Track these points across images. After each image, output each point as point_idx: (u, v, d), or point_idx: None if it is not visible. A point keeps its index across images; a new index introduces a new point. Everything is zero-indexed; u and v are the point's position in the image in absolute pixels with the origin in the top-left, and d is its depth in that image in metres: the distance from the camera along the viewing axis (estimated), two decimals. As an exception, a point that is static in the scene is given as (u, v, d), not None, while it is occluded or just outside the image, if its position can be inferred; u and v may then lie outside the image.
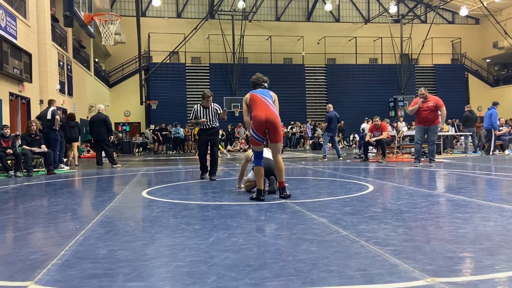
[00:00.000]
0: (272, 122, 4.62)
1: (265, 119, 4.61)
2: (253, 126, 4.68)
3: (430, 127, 8.91)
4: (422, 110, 8.97)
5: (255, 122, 4.65)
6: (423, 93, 8.98)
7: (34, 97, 14.27)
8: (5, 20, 11.97)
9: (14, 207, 4.82)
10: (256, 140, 4.68)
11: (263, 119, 4.61)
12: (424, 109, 8.92)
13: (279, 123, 4.69)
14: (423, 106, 8.93)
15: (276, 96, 4.93)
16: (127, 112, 28.41)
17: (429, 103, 8.89)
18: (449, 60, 32.29)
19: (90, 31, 17.63)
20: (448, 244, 2.59)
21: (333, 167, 9.36)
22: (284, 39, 29.59)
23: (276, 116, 4.66)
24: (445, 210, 3.89)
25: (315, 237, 2.83)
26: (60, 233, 3.21)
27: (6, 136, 9.14)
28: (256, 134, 4.67)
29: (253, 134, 4.69)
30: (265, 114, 4.63)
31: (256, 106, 4.74)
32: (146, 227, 3.36)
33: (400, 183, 6.11)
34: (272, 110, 4.69)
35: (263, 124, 4.62)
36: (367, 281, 1.96)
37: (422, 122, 9.01)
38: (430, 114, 8.88)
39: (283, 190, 4.63)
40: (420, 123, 9.06)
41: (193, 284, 1.98)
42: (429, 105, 8.87)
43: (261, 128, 4.64)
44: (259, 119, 4.62)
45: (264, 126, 4.64)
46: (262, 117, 4.61)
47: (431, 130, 8.93)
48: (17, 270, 2.26)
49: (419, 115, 9.04)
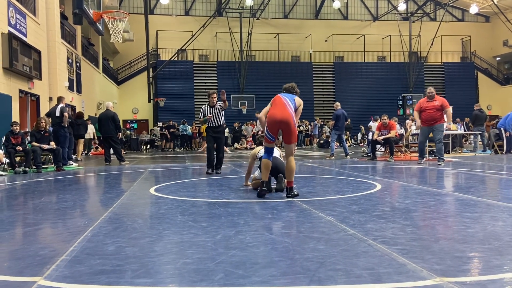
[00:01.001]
0: (286, 123, 4.62)
1: (280, 118, 4.62)
2: (267, 125, 4.70)
3: (435, 126, 9.00)
4: (427, 109, 9.06)
5: (269, 121, 4.68)
6: (432, 92, 9.12)
7: (44, 94, 14.39)
8: (15, 17, 12.08)
9: (24, 203, 4.87)
10: (268, 138, 4.71)
11: (278, 118, 4.62)
12: (430, 108, 9.01)
13: (293, 124, 4.67)
14: (428, 105, 9.03)
15: (301, 103, 4.90)
16: (135, 109, 28.53)
17: (435, 103, 9.00)
18: (458, 58, 31.97)
19: (99, 28, 17.75)
20: (456, 244, 2.57)
21: (341, 166, 9.33)
22: (292, 37, 29.51)
23: (291, 117, 4.64)
24: (453, 210, 3.85)
25: (322, 235, 2.83)
26: (69, 229, 3.24)
27: (16, 132, 9.23)
28: (268, 133, 4.69)
29: (266, 132, 4.72)
30: (280, 113, 4.64)
31: (275, 106, 4.76)
32: (154, 224, 3.37)
33: (408, 182, 6.07)
34: (289, 111, 4.66)
35: (276, 124, 4.63)
36: (375, 280, 1.95)
37: (426, 122, 9.10)
38: (435, 113, 8.96)
39: (291, 190, 4.64)
40: (425, 123, 9.14)
41: (200, 281, 1.98)
42: (434, 104, 8.98)
43: (274, 127, 4.66)
44: (273, 118, 4.64)
45: (277, 126, 4.65)
46: (277, 117, 4.63)
47: (436, 129, 9.01)
48: (27, 265, 2.28)
49: (423, 115, 9.13)
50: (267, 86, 28.05)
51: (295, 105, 4.79)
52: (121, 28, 16.37)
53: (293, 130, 4.67)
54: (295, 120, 4.69)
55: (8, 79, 11.65)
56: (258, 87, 27.85)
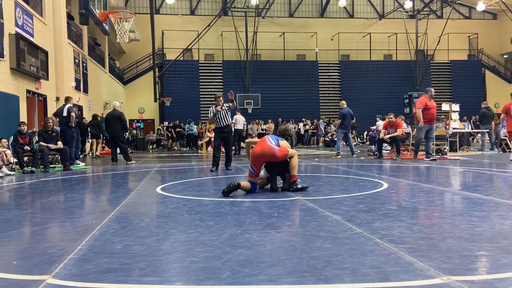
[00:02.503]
0: (268, 154, 4.89)
1: (259, 152, 4.92)
2: (252, 161, 5.00)
3: (433, 125, 9.60)
4: (431, 107, 9.48)
5: (252, 156, 5.01)
6: (433, 93, 9.72)
7: (51, 94, 14.49)
8: (22, 18, 12.17)
9: (32, 202, 4.91)
10: (251, 172, 4.95)
11: (258, 153, 4.94)
12: (432, 107, 9.49)
13: (277, 151, 4.88)
14: (432, 104, 9.50)
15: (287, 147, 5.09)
16: (141, 109, 28.65)
17: (433, 102, 9.60)
18: (465, 56, 31.75)
19: (105, 28, 17.81)
20: (464, 243, 2.55)
21: (347, 164, 9.31)
22: (297, 36, 29.46)
23: (270, 148, 4.89)
24: (461, 208, 3.83)
25: (329, 234, 2.82)
26: (77, 228, 3.26)
27: (23, 132, 9.31)
28: (252, 168, 4.95)
29: (250, 167, 4.98)
30: (260, 148, 4.94)
31: (257, 144, 5.09)
32: (161, 222, 3.39)
33: (415, 180, 6.04)
34: (269, 145, 4.94)
35: (258, 157, 4.93)
36: (382, 278, 1.95)
37: (430, 121, 9.54)
38: (434, 113, 9.51)
39: (293, 183, 4.89)
40: (428, 122, 9.55)
41: (207, 279, 1.99)
42: (433, 104, 9.55)
43: (257, 161, 4.94)
44: (254, 153, 4.98)
45: (260, 160, 4.94)
46: (257, 152, 4.95)
47: (432, 129, 9.61)
48: (35, 264, 2.30)
49: (427, 113, 9.52)
50: (273, 85, 28.06)
51: (278, 143, 5.02)
52: (127, 28, 16.42)
53: (278, 155, 4.88)
54: (276, 148, 4.91)
55: (16, 79, 11.75)
56: (264, 86, 27.84)
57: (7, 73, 11.25)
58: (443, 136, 12.22)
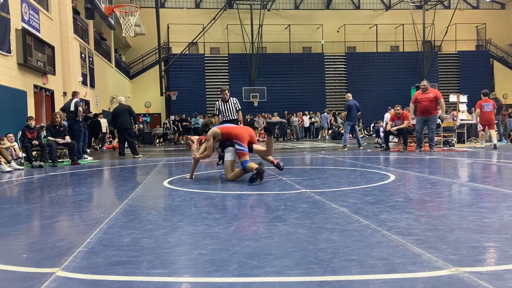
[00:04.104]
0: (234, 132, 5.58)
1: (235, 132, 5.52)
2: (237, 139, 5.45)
3: (430, 117, 9.79)
4: (422, 100, 9.83)
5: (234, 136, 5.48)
6: (424, 85, 9.92)
7: (58, 89, 14.57)
8: (28, 13, 12.21)
9: (40, 196, 4.95)
10: (243, 151, 5.38)
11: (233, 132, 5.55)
12: (424, 100, 9.77)
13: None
14: (423, 97, 9.79)
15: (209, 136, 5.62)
16: (147, 103, 28.72)
17: (429, 94, 9.77)
18: (473, 46, 31.37)
19: (111, 23, 17.84)
20: (472, 234, 2.54)
21: (354, 157, 9.28)
22: (303, 28, 29.28)
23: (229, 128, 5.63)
24: (469, 200, 3.81)
25: (336, 226, 2.82)
26: (85, 221, 3.29)
27: (32, 127, 9.38)
28: (241, 146, 5.40)
29: (238, 148, 5.41)
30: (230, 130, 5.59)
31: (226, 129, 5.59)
32: (168, 216, 3.41)
33: (422, 172, 6.01)
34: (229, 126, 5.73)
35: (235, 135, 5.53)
36: (389, 270, 1.94)
37: (422, 113, 9.88)
38: (429, 105, 9.71)
39: (277, 166, 5.57)
40: (421, 114, 9.92)
41: (215, 271, 2.00)
42: (428, 96, 9.75)
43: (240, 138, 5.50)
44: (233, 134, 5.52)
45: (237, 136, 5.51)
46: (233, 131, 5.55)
47: (430, 120, 9.82)
48: (45, 257, 2.33)
49: (419, 106, 9.89)
50: (279, 78, 27.96)
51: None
52: (132, 22, 16.43)
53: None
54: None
55: (23, 74, 11.82)
56: (270, 79, 27.76)
57: (15, 68, 11.32)
58: (450, 127, 12.12)
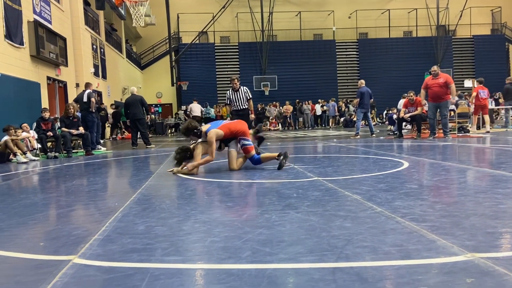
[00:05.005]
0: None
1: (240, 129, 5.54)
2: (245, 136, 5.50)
3: (441, 103, 9.69)
4: (432, 86, 9.71)
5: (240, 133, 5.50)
6: (435, 70, 9.79)
7: (70, 80, 14.69)
8: (40, 5, 12.28)
9: (56, 186, 5.03)
10: (250, 146, 5.51)
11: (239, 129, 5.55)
12: (434, 85, 9.65)
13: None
14: (434, 82, 9.68)
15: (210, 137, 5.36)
16: (159, 93, 28.81)
17: (439, 80, 9.66)
18: (488, 30, 30.67)
19: (121, 13, 17.86)
20: (488, 220, 2.51)
21: (366, 144, 9.21)
22: (314, 15, 28.92)
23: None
24: (484, 186, 3.75)
25: (349, 213, 2.81)
26: (100, 210, 3.34)
27: (46, 119, 9.49)
28: (247, 141, 5.48)
29: (244, 143, 5.46)
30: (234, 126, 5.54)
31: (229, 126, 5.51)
32: (181, 204, 3.43)
33: (436, 159, 5.94)
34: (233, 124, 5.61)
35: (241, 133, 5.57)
36: (404, 256, 1.93)
37: (433, 99, 9.78)
38: (440, 90, 9.60)
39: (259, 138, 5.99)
40: (432, 100, 9.81)
41: (228, 258, 2.01)
42: (439, 82, 9.63)
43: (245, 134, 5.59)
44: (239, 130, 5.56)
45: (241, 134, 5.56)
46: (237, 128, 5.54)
47: (442, 106, 9.72)
48: (62, 245, 2.37)
49: (430, 92, 9.77)
50: (290, 66, 27.75)
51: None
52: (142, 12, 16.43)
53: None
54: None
55: (36, 66, 11.94)
56: (281, 67, 27.57)
57: (28, 60, 11.43)
58: (465, 113, 11.94)
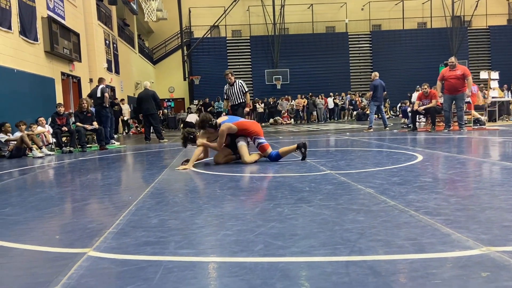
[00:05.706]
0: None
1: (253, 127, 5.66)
2: (256, 135, 5.54)
3: (457, 95, 9.57)
4: (449, 78, 9.57)
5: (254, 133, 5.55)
6: (452, 62, 9.68)
7: (84, 76, 14.84)
8: (53, 1, 12.39)
9: (71, 180, 5.10)
10: (265, 144, 5.56)
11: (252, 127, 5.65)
12: (451, 77, 9.53)
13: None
14: (450, 74, 9.56)
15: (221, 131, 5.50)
16: (171, 88, 28.94)
17: (457, 72, 9.54)
18: (505, 21, 30.02)
19: (133, 8, 17.93)
20: (504, 213, 2.46)
21: (380, 138, 9.13)
22: (326, 7, 28.66)
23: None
24: (500, 179, 3.69)
25: (362, 207, 2.79)
26: (114, 204, 3.37)
27: (61, 114, 9.62)
28: (261, 140, 5.54)
29: (258, 141, 5.54)
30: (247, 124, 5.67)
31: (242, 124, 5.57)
32: (194, 198, 3.45)
33: (451, 152, 5.86)
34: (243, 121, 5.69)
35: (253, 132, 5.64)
36: (418, 250, 1.91)
37: (449, 91, 9.64)
38: (457, 82, 9.48)
39: None
40: (448, 92, 9.68)
41: (241, 251, 2.02)
42: (456, 74, 9.52)
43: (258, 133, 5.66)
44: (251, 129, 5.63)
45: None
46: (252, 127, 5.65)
47: (458, 98, 9.62)
48: (77, 238, 2.40)
49: (446, 84, 9.65)
50: (302, 59, 27.59)
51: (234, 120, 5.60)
52: (154, 6, 16.48)
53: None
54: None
55: (50, 62, 12.08)
56: (293, 60, 27.43)
57: (42, 56, 11.58)
58: (480, 105, 11.75)
